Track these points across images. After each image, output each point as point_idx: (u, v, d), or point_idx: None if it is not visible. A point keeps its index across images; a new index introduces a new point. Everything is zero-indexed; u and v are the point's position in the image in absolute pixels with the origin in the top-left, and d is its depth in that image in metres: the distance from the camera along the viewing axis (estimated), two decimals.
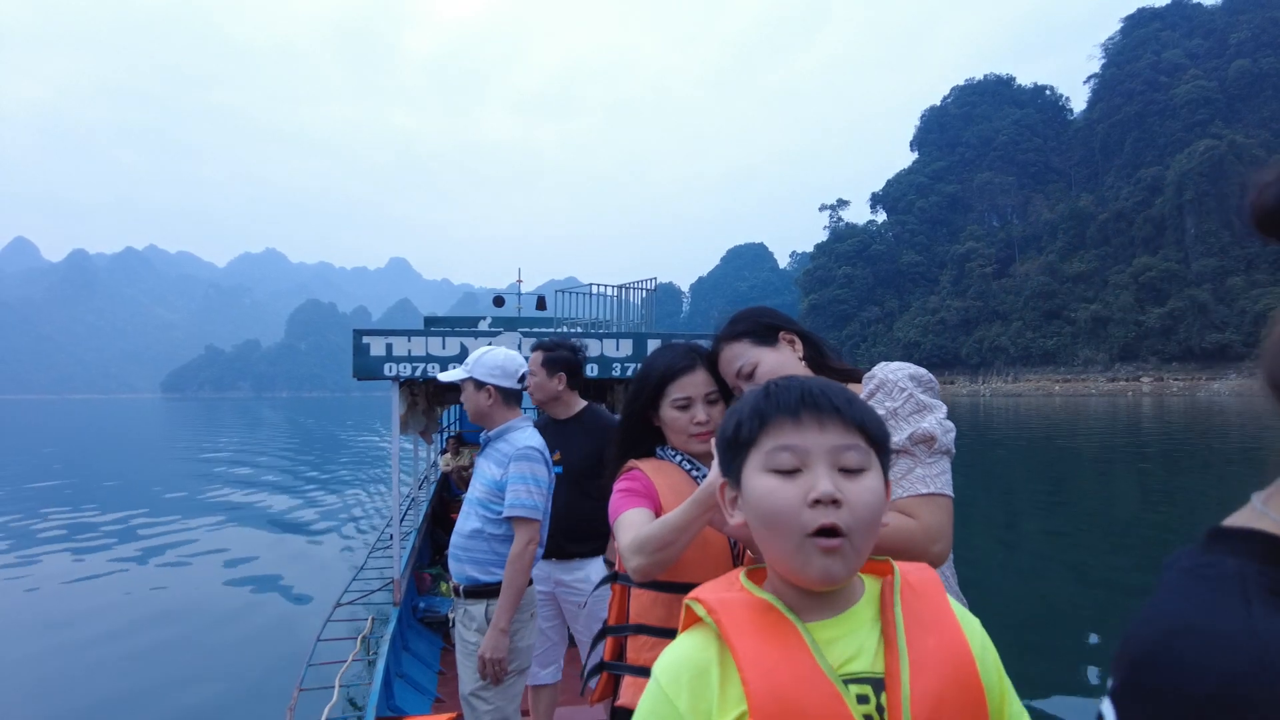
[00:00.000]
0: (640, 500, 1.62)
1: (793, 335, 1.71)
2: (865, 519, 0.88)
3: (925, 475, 1.46)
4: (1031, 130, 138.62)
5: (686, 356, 1.76)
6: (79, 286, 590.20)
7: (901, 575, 0.96)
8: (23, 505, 16.29)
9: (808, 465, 0.89)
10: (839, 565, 0.87)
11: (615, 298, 8.36)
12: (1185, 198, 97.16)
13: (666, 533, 1.41)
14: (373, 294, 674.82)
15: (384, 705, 4.20)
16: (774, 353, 1.67)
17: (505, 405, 2.99)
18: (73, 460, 28.05)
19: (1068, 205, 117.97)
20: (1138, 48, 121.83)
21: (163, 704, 5.90)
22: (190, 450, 32.41)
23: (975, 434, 32.58)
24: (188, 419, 68.76)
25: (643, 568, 1.45)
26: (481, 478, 2.95)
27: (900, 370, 1.57)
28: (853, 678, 0.86)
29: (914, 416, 1.50)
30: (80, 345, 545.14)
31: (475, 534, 2.89)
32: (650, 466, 1.73)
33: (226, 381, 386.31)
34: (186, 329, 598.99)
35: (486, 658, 2.73)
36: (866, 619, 0.91)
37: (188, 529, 13.52)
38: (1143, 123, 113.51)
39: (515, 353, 3.05)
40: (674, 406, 1.73)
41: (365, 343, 5.36)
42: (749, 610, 0.90)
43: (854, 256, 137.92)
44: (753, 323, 1.71)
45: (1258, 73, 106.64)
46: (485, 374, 2.94)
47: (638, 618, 1.67)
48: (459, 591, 2.93)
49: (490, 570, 2.86)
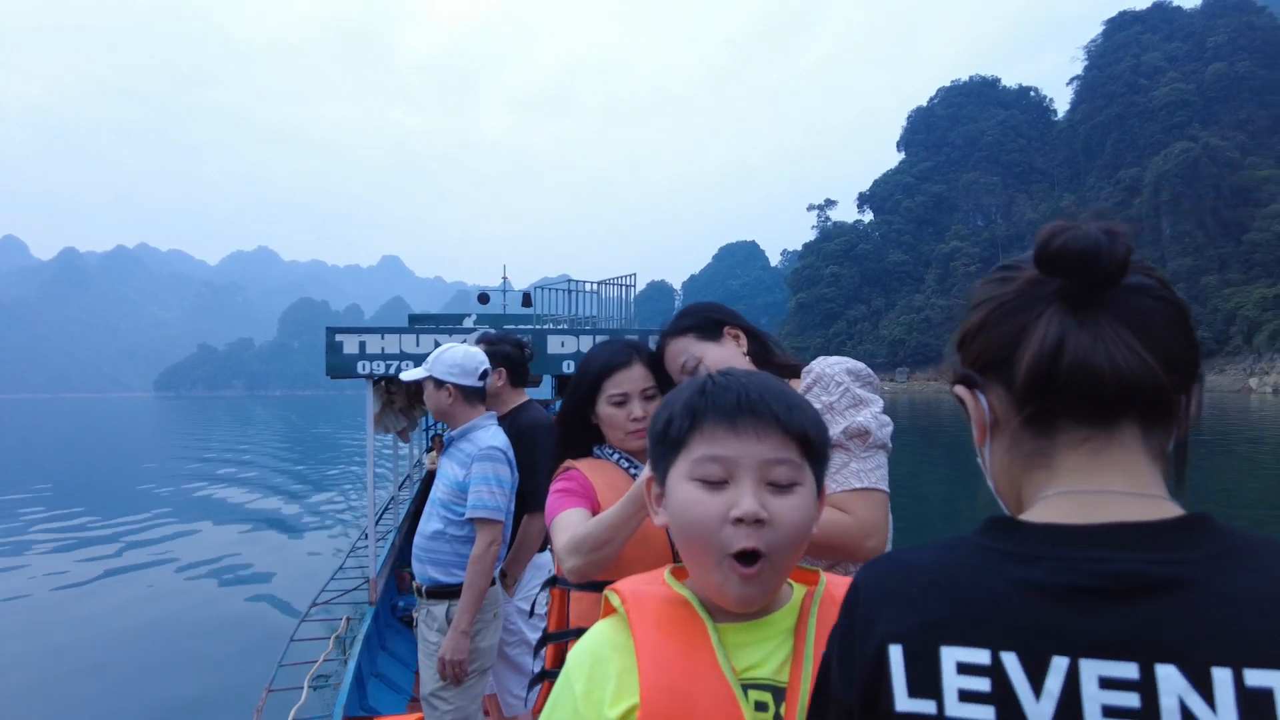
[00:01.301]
0: (577, 500, 1.58)
1: (737, 330, 1.70)
2: (789, 540, 0.84)
3: (860, 470, 1.44)
4: (1016, 131, 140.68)
5: (623, 352, 1.73)
6: (70, 285, 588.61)
7: (826, 587, 0.93)
8: (8, 506, 15.96)
9: (735, 478, 0.84)
10: (756, 590, 0.85)
11: (596, 294, 8.49)
12: (1162, 198, 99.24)
13: (602, 531, 1.38)
14: (366, 292, 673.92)
15: (356, 705, 4.13)
16: (718, 347, 1.65)
17: (467, 403, 2.95)
18: (63, 460, 27.90)
19: (1050, 205, 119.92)
20: (1118, 50, 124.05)
21: (131, 704, 5.80)
22: (180, 449, 32.24)
23: (957, 430, 33.81)
24: (180, 418, 68.52)
25: (579, 568, 1.42)
26: (444, 478, 2.91)
27: (837, 365, 1.55)
28: (755, 683, 0.84)
29: (849, 411, 1.48)
30: (73, 344, 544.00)
31: (437, 535, 2.86)
32: (588, 465, 1.69)
33: (220, 380, 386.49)
34: (179, 327, 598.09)
35: (446, 659, 2.70)
36: (784, 627, 0.89)
37: (172, 527, 13.25)
38: (1123, 124, 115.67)
39: (476, 349, 3.03)
40: (610, 403, 1.69)
41: (338, 340, 5.27)
42: (663, 605, 0.89)
43: (841, 256, 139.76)
44: (698, 317, 1.70)
45: (1234, 76, 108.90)
46: (444, 372, 2.89)
47: (579, 622, 1.61)
48: (421, 592, 2.91)
49: (452, 571, 2.83)
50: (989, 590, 0.57)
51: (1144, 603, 0.53)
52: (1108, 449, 0.63)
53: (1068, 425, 0.64)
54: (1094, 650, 0.52)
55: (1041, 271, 0.64)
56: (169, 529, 13.15)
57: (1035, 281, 0.65)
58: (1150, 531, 0.58)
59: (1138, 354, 0.60)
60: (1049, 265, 0.63)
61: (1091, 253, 0.60)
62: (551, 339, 5.68)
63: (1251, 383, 74.22)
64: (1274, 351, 76.24)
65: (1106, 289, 0.62)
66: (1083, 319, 0.61)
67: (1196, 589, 0.53)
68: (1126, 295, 0.62)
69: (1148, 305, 0.62)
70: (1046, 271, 0.63)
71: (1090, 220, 0.62)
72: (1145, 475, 0.63)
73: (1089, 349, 0.61)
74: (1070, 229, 0.61)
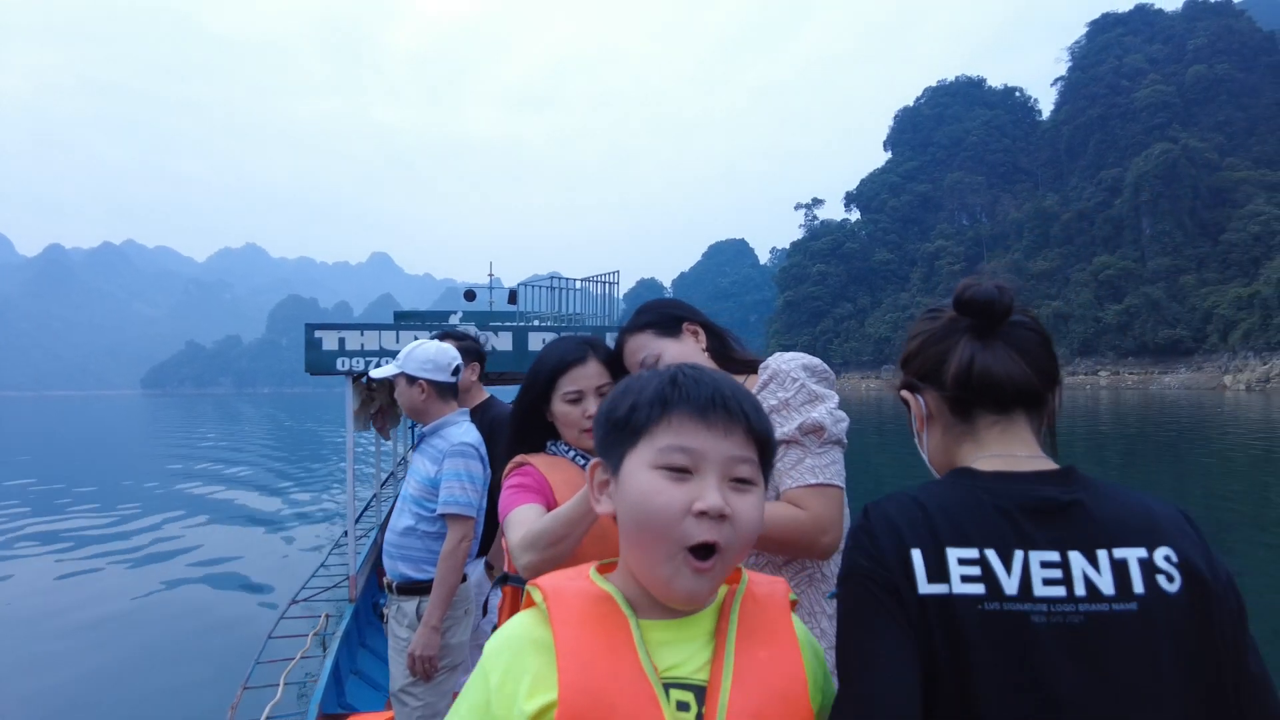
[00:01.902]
0: (531, 496, 1.57)
1: (696, 326, 1.70)
2: (744, 538, 0.86)
3: (815, 465, 1.44)
4: (1001, 131, 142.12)
5: (578, 349, 1.72)
6: (55, 282, 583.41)
7: (748, 586, 0.95)
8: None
9: (700, 471, 0.85)
10: (706, 585, 0.86)
11: (580, 291, 8.55)
12: (1142, 199, 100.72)
13: (558, 527, 1.35)
14: (354, 289, 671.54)
15: (334, 702, 4.09)
16: (677, 344, 1.65)
17: (440, 399, 2.92)
18: (47, 457, 27.38)
19: (1033, 205, 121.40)
20: (1101, 52, 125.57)
21: (104, 700, 5.76)
22: (165, 447, 31.81)
23: None
24: (167, 416, 66.92)
25: (534, 565, 1.38)
26: (415, 474, 2.89)
27: (793, 361, 1.56)
28: (677, 683, 0.84)
29: (805, 406, 1.49)
30: (57, 341, 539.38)
31: (408, 531, 2.84)
32: (542, 462, 1.67)
33: (208, 378, 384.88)
34: (166, 325, 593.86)
35: (416, 654, 2.69)
36: (706, 628, 0.90)
37: (156, 525, 13.13)
38: (1105, 125, 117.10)
39: (448, 345, 3.00)
40: (565, 400, 1.68)
41: (317, 337, 5.21)
42: (585, 601, 0.88)
43: (828, 254, 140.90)
44: (657, 314, 1.70)
45: (1213, 78, 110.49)
46: (416, 368, 2.86)
47: None
48: (392, 588, 2.89)
49: (423, 568, 2.81)
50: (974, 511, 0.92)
51: (1059, 516, 0.91)
52: (1011, 428, 1.01)
53: (982, 413, 1.02)
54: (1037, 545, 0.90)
55: (958, 313, 1.02)
56: (152, 526, 12.97)
57: (954, 319, 1.03)
58: (1051, 475, 0.96)
59: (1021, 367, 1.00)
60: (962, 309, 1.01)
61: (989, 301, 0.99)
62: (533, 336, 5.64)
63: (1226, 380, 75.61)
64: (1248, 350, 77.66)
65: (999, 325, 1.01)
66: (985, 344, 1.00)
67: (1085, 506, 0.92)
68: (1012, 328, 1.01)
69: (1025, 335, 1.01)
70: (961, 313, 1.02)
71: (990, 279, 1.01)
72: (1034, 445, 1.02)
73: (991, 363, 1.00)
74: (976, 285, 1.00)
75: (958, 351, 1.02)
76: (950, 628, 0.88)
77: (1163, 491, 15.22)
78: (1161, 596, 0.89)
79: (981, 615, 0.88)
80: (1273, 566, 8.33)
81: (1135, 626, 0.88)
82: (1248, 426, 29.87)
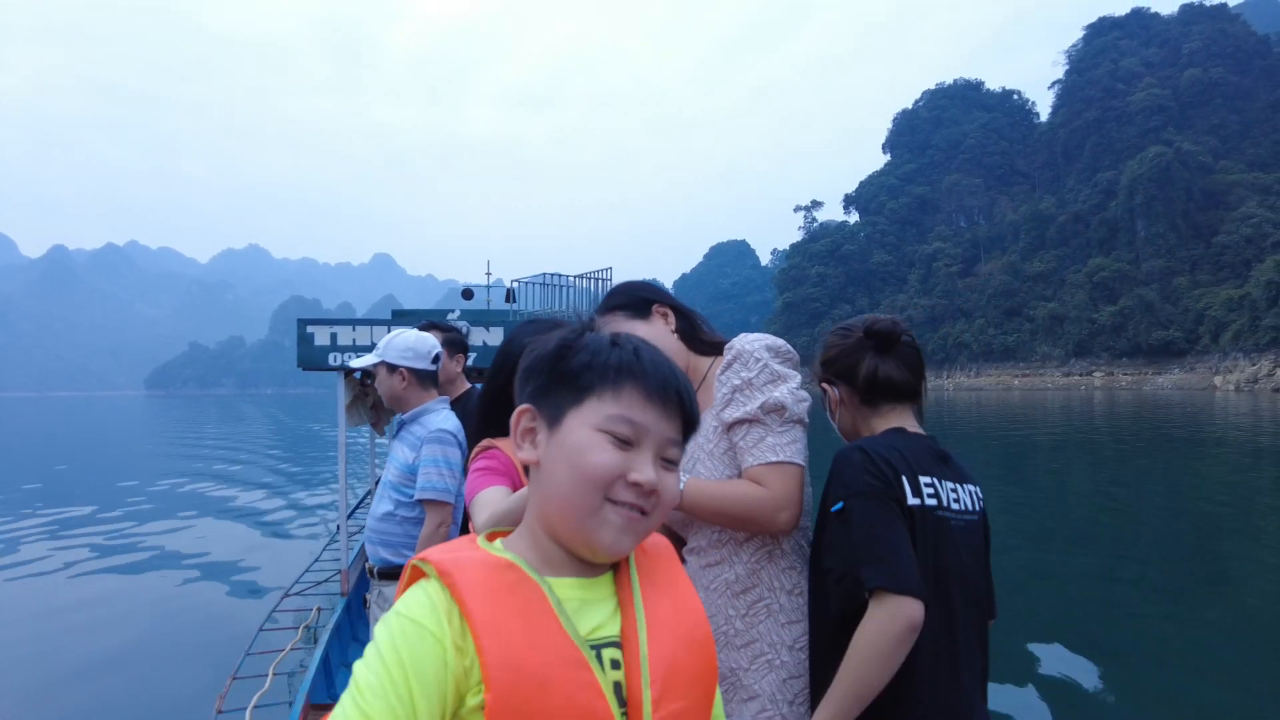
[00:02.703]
0: (498, 478, 1.57)
1: (666, 309, 1.73)
2: (663, 514, 0.88)
3: (776, 444, 1.49)
4: (998, 134, 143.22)
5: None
6: (58, 283, 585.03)
7: None
8: None
9: (639, 445, 0.86)
10: (630, 541, 0.85)
11: (574, 288, 8.65)
12: (1136, 201, 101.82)
13: (522, 506, 1.27)
14: (357, 290, 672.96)
15: (324, 693, 4.08)
16: (647, 325, 1.68)
17: (420, 387, 2.94)
18: (51, 457, 27.26)
19: (1030, 207, 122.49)
20: (1098, 55, 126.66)
21: (94, 694, 5.71)
22: (167, 446, 31.74)
23: (937, 419, 34.51)
24: (170, 416, 66.19)
25: None
26: (395, 460, 2.91)
27: (758, 341, 1.61)
28: (603, 643, 0.83)
29: (768, 386, 1.53)
30: (60, 342, 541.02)
31: (388, 516, 2.87)
32: (509, 445, 1.66)
33: (211, 378, 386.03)
34: (169, 325, 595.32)
35: None
36: (609, 584, 0.89)
37: (154, 522, 13.09)
38: (1101, 128, 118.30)
39: (427, 334, 3.02)
40: None
41: (309, 332, 5.16)
42: (489, 571, 0.82)
43: (826, 256, 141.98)
44: (626, 296, 1.73)
45: (1208, 82, 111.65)
46: (397, 357, 2.88)
47: None
48: (373, 573, 2.90)
49: (402, 553, 2.84)
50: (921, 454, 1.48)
51: (948, 461, 1.52)
52: (904, 412, 1.58)
53: (883, 402, 1.58)
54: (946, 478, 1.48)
55: (865, 336, 1.58)
56: (150, 523, 12.96)
57: (861, 339, 1.58)
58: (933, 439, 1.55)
59: (906, 374, 1.57)
60: (870, 335, 1.57)
61: (889, 331, 1.55)
62: None
63: (1216, 380, 76.73)
64: (1237, 351, 78.75)
65: (893, 345, 1.56)
66: (884, 358, 1.56)
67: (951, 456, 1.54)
68: (902, 347, 1.56)
69: (909, 351, 1.57)
70: (869, 337, 1.57)
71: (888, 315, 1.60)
72: (916, 422, 1.60)
73: (891, 372, 1.56)
74: (881, 320, 1.58)
75: (865, 363, 1.56)
76: (921, 527, 1.41)
77: (1159, 485, 15.03)
78: (982, 513, 1.55)
79: (935, 519, 1.43)
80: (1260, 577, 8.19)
81: (977, 530, 1.52)
82: (1224, 425, 30.58)
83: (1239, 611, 7.06)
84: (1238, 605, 7.28)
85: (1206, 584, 8.18)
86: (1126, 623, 6.87)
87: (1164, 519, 11.87)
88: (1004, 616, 6.04)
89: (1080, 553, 9.58)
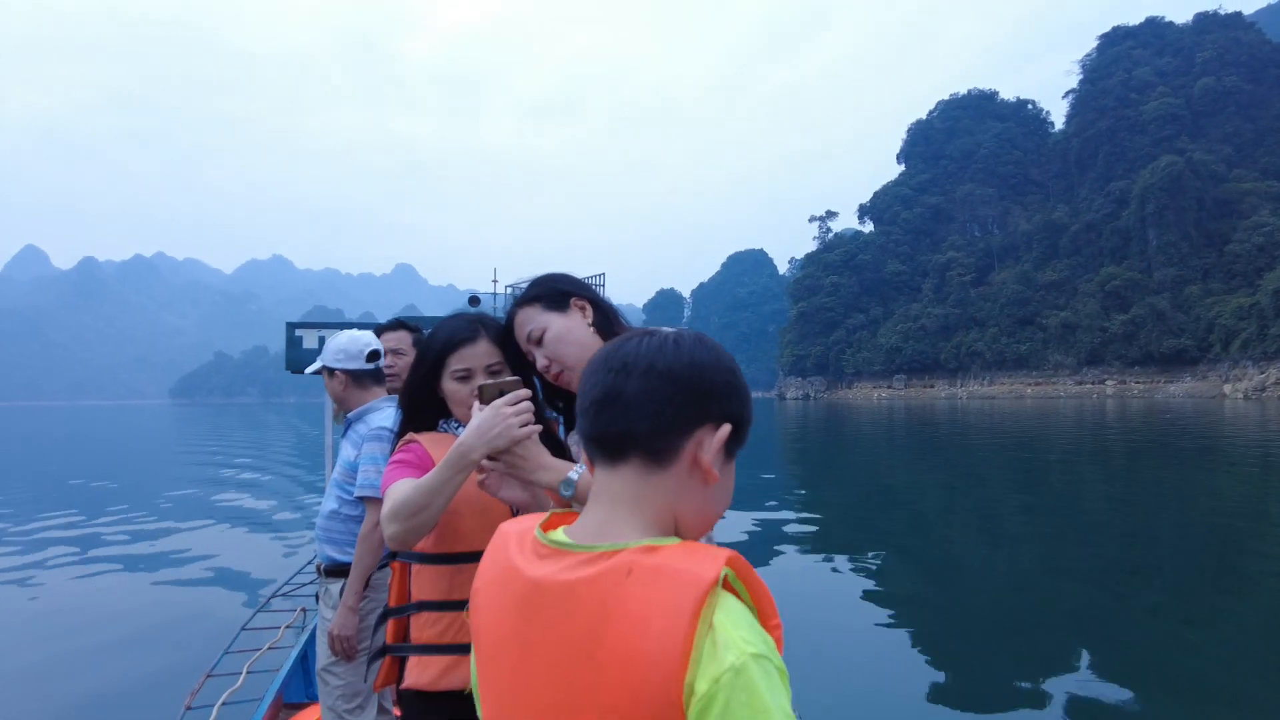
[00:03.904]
0: (411, 471, 1.58)
1: (585, 302, 1.68)
2: None
3: None
4: (1012, 143, 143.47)
5: (469, 328, 1.72)
6: (88, 294, 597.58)
7: None
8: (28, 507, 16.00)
9: None
10: None
11: None
12: (1148, 210, 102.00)
13: (419, 497, 1.40)
14: (379, 300, 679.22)
15: (300, 692, 4.13)
16: (563, 318, 1.64)
17: (359, 387, 2.96)
18: (77, 464, 27.64)
19: (1043, 216, 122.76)
20: (1111, 65, 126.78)
21: (66, 693, 5.73)
22: (191, 454, 32.45)
23: (953, 435, 33.89)
24: (195, 424, 64.97)
25: (396, 535, 1.43)
26: (340, 459, 2.92)
27: None
28: None
29: None
30: (90, 352, 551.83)
31: (333, 515, 2.89)
32: (429, 439, 1.70)
33: (235, 387, 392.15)
34: (194, 335, 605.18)
35: (334, 634, 2.72)
36: None
37: (162, 526, 13.22)
38: (1114, 137, 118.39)
39: (362, 334, 3.01)
40: (454, 378, 1.69)
41: (298, 335, 5.25)
42: None
43: (841, 266, 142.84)
44: (546, 288, 1.68)
45: (1221, 90, 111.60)
46: (331, 360, 2.93)
47: (420, 595, 1.65)
48: (320, 570, 2.94)
49: (347, 550, 2.83)
50: None
51: None
52: None
53: None
54: None
55: None
56: (158, 527, 13.17)
57: None
58: None
59: None
60: None
61: None
62: None
63: (1225, 389, 77.07)
64: (1247, 359, 78.98)
65: None
66: None
67: None
68: None
69: None
70: None
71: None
72: None
73: None
74: None
75: None
76: None
77: (1170, 492, 14.94)
78: None
79: None
80: None
81: None
82: (1227, 433, 30.80)
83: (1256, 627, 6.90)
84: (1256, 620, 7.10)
85: (1225, 595, 7.99)
86: (1140, 636, 6.68)
87: (1176, 530, 11.58)
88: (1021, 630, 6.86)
89: (1093, 562, 9.51)
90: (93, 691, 5.73)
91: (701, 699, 0.69)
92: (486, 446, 1.39)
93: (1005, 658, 6.23)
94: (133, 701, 5.50)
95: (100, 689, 5.75)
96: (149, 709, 5.21)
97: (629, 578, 0.76)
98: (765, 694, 0.69)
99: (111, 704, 5.50)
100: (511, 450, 1.42)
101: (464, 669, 1.61)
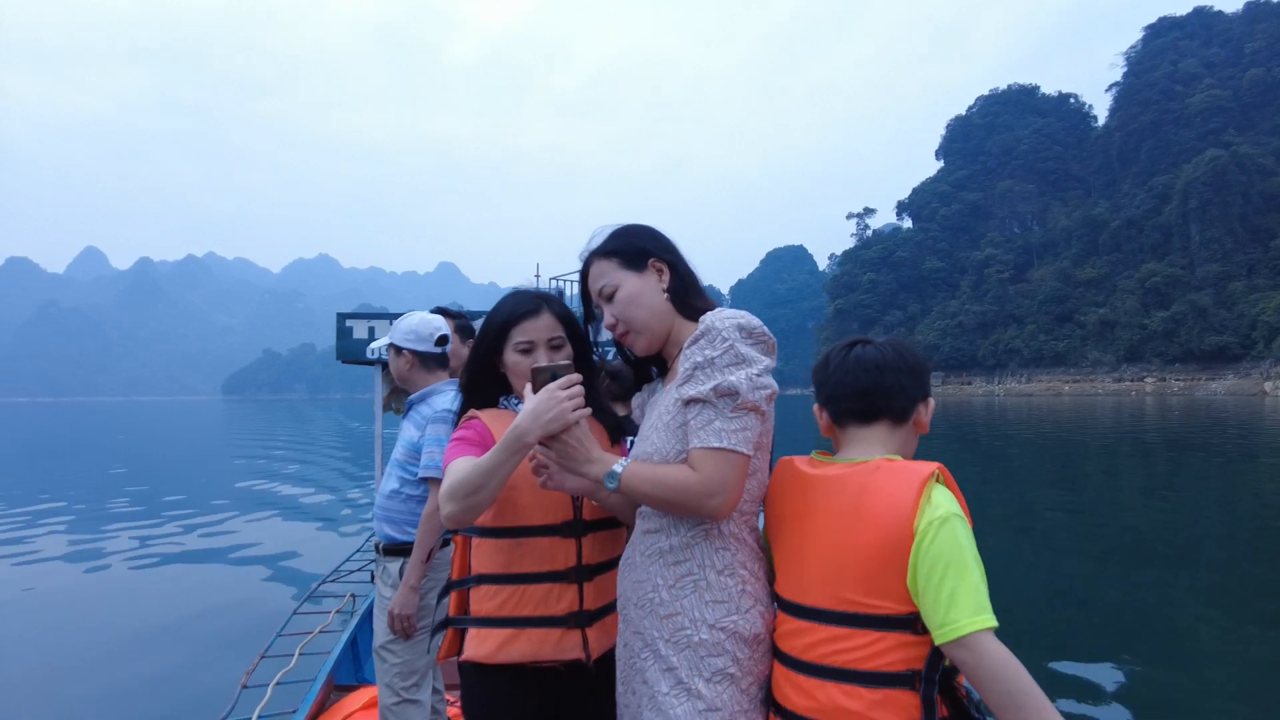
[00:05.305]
0: (472, 449, 1.58)
1: (663, 264, 1.59)
2: None
3: (723, 429, 1.39)
4: (1052, 139, 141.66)
5: (531, 301, 1.71)
6: (144, 293, 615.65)
7: None
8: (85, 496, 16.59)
9: None
10: None
11: None
12: (1190, 205, 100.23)
13: (476, 477, 1.41)
14: (423, 298, 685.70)
15: (350, 675, 4.19)
16: (638, 279, 1.57)
17: (425, 369, 2.98)
18: (130, 458, 28.49)
19: (1083, 212, 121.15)
20: (1157, 56, 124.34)
21: (133, 670, 5.95)
22: (244, 448, 33.37)
23: (990, 431, 34.10)
24: (247, 420, 68.20)
25: (453, 514, 1.45)
26: (401, 440, 2.94)
27: (730, 319, 1.45)
28: None
29: (728, 368, 1.41)
30: (145, 349, 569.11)
31: (393, 494, 2.92)
32: (490, 416, 1.70)
33: (283, 384, 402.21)
34: (243, 333, 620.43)
35: (395, 613, 2.74)
36: None
37: (219, 518, 13.59)
38: (1158, 131, 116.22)
39: (433, 316, 3.03)
40: (517, 350, 1.68)
41: (348, 326, 5.30)
42: None
43: (879, 263, 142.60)
44: (625, 242, 1.60)
45: (1271, 81, 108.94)
46: (400, 339, 2.94)
47: (479, 568, 1.67)
48: (379, 549, 2.97)
49: (406, 529, 2.88)
50: None
51: None
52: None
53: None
54: None
55: None
56: (214, 519, 13.61)
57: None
58: None
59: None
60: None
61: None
62: None
63: (1266, 386, 75.92)
64: None
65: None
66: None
67: None
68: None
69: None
70: None
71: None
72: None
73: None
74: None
75: None
76: None
77: (1212, 492, 14.79)
78: None
79: None
80: None
81: None
82: (1269, 429, 30.61)
83: None
84: None
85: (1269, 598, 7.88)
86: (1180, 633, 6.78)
87: (1220, 529, 11.55)
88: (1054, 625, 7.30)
89: (1134, 562, 9.53)
90: (157, 669, 6.07)
91: (921, 533, 1.21)
92: (541, 429, 1.40)
93: (1041, 652, 6.24)
94: (193, 678, 5.86)
95: (163, 668, 6.10)
96: (208, 686, 5.52)
97: (878, 472, 1.30)
98: (960, 534, 1.21)
99: (175, 680, 5.84)
100: (562, 439, 1.43)
101: (522, 642, 1.62)
